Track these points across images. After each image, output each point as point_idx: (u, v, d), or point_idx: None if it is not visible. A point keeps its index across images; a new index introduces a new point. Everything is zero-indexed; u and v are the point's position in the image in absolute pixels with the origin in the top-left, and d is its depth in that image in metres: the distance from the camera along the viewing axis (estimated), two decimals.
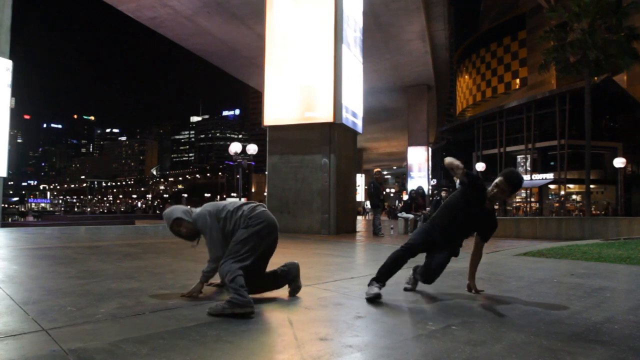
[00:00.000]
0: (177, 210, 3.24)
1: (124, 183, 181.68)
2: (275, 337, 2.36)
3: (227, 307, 2.70)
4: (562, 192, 40.56)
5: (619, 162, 28.43)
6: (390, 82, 27.78)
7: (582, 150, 27.93)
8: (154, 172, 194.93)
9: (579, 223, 16.28)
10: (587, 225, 15.26)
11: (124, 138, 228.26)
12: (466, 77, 76.49)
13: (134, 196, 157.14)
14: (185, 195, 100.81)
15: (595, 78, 30.91)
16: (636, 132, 41.25)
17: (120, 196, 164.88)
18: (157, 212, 46.75)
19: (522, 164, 42.25)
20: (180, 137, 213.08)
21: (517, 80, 63.54)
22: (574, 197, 41.44)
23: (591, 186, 29.16)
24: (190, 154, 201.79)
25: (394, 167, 69.18)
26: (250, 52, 21.84)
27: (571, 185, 40.49)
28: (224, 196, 64.13)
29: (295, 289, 3.47)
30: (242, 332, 2.44)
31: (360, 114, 13.54)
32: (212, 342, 2.24)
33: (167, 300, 3.15)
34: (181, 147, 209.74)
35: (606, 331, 2.58)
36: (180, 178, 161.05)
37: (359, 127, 13.37)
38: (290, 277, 3.46)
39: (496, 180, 3.39)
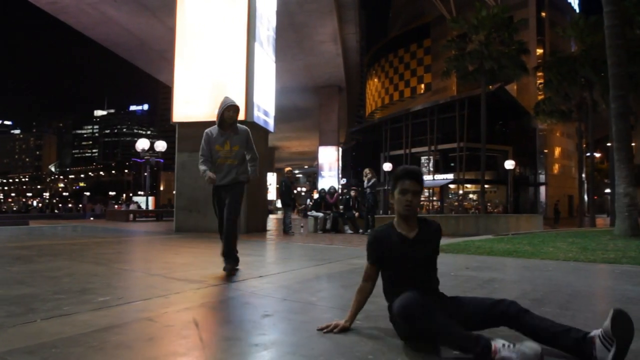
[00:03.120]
0: None
1: (17, 180, 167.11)
2: (180, 340, 2.30)
3: None
4: (461, 192, 43.54)
5: (509, 164, 31.15)
6: (302, 82, 28.05)
7: (478, 153, 30.15)
8: (53, 169, 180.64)
9: (474, 220, 17.64)
10: (482, 222, 16.56)
11: (17, 131, 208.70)
12: (375, 80, 79.33)
13: (29, 194, 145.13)
14: (88, 193, 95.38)
15: (490, 86, 33.55)
16: (524, 137, 45.41)
17: (13, 194, 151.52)
18: (56, 211, 43.24)
19: (425, 164, 44.69)
20: (83, 131, 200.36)
21: (422, 85, 67.09)
22: (471, 196, 44.58)
23: (486, 186, 31.66)
24: (94, 150, 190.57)
25: (306, 166, 69.94)
26: (161, 45, 20.92)
27: (468, 185, 43.53)
28: (130, 195, 61.46)
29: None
30: (144, 336, 2.36)
31: (272, 112, 13.53)
32: (112, 348, 2.14)
33: (62, 306, 2.95)
34: (84, 143, 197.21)
35: None
36: (82, 175, 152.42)
37: (271, 126, 13.37)
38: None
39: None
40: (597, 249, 6.85)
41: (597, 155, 47.74)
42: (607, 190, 35.58)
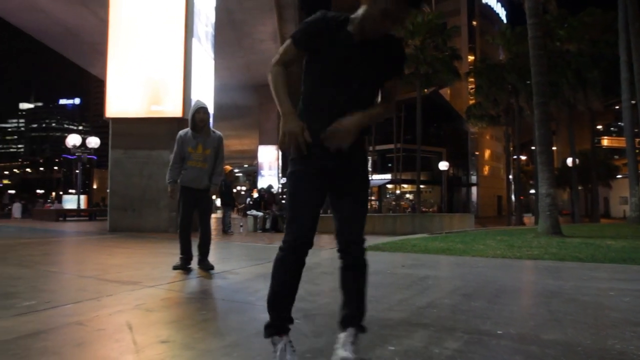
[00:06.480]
0: None
1: None
2: (112, 344, 2.22)
3: None
4: (398, 191, 44.74)
5: (443, 165, 32.40)
6: (242, 80, 27.72)
7: (414, 154, 31.12)
8: None
9: (410, 219, 18.18)
10: (417, 221, 17.06)
11: None
12: None
13: None
14: (13, 191, 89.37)
15: (426, 90, 34.74)
16: (457, 140, 47.38)
17: None
18: None
19: None
20: (7, 125, 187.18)
21: None
22: (407, 195, 45.90)
23: (421, 186, 32.72)
24: (20, 145, 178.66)
25: (245, 165, 69.11)
26: (94, 37, 19.75)
27: (405, 185, 44.79)
28: (60, 193, 58.31)
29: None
30: (73, 341, 2.25)
31: (210, 110, 13.29)
32: (37, 355, 2.03)
33: None
34: (8, 137, 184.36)
35: (427, 314, 2.93)
36: (7, 172, 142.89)
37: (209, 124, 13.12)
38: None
39: None
40: (523, 246, 7.28)
41: (523, 157, 50.64)
42: (532, 191, 37.82)
